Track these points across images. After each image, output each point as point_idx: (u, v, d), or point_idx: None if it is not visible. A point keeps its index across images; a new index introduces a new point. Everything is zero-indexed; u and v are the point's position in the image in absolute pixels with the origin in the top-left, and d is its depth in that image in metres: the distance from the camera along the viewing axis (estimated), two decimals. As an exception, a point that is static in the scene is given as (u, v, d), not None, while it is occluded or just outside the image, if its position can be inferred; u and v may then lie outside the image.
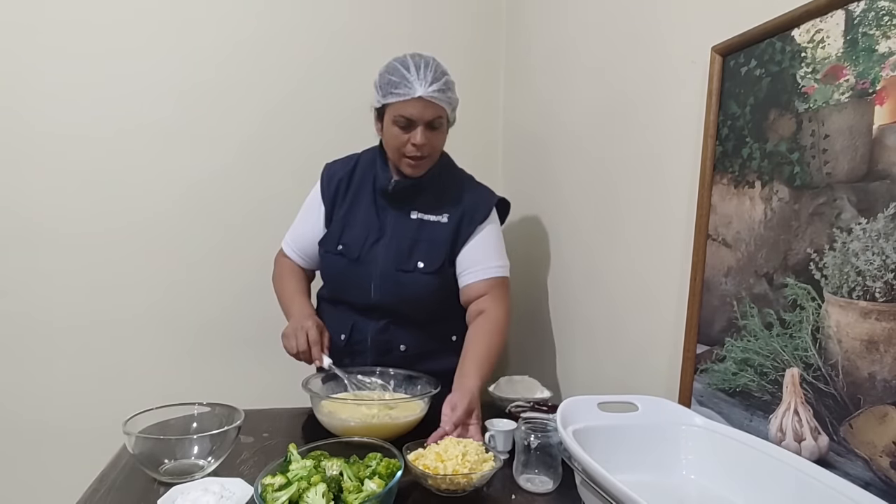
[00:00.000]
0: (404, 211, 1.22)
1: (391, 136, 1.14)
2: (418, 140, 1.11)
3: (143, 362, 1.60)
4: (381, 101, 1.14)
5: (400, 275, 1.18)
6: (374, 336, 1.21)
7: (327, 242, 1.24)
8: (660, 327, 1.01)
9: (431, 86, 1.09)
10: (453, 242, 1.20)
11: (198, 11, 1.56)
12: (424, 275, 1.18)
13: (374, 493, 0.71)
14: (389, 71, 1.13)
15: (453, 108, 1.18)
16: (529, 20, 1.62)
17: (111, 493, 0.83)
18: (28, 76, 1.46)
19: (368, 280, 1.19)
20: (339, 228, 1.23)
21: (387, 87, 1.11)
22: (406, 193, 1.21)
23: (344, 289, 1.23)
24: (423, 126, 1.11)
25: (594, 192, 1.25)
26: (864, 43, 0.64)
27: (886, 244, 0.61)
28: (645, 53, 1.07)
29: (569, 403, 0.83)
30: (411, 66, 1.11)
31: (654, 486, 0.76)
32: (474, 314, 1.18)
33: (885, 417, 0.61)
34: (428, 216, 1.21)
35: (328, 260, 1.24)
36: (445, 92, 1.12)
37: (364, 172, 1.26)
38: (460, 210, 1.21)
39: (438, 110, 1.12)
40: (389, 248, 1.19)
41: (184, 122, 1.57)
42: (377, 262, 1.19)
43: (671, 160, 0.99)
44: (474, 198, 1.24)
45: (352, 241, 1.21)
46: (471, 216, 1.21)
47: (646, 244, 1.06)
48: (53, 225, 1.51)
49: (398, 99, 1.10)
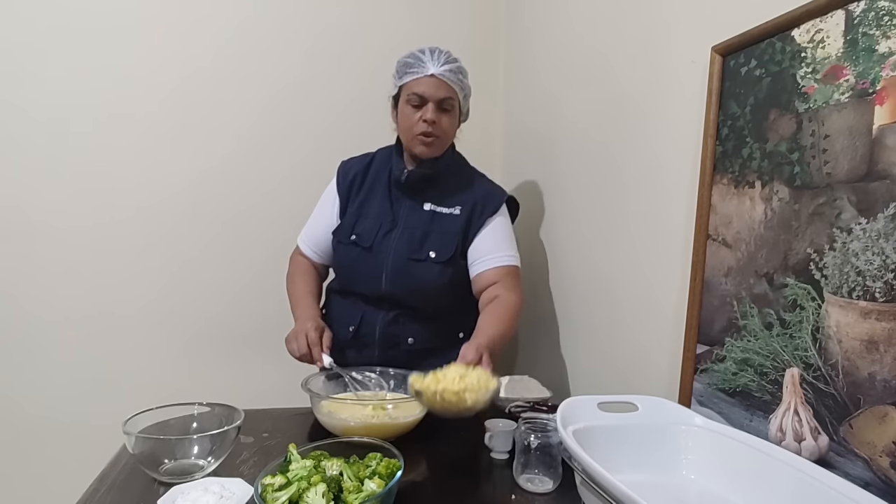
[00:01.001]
0: (417, 202, 1.25)
1: (405, 116, 1.19)
2: (429, 116, 1.16)
3: (142, 362, 1.59)
4: (398, 83, 1.21)
5: (411, 265, 1.20)
6: (382, 328, 1.22)
7: (341, 233, 1.26)
8: (660, 327, 1.01)
9: (444, 66, 1.16)
10: (465, 234, 1.23)
11: (195, 7, 1.55)
12: (436, 264, 1.20)
13: (374, 493, 0.71)
14: (406, 56, 1.20)
15: (465, 96, 1.23)
16: (529, 20, 1.62)
17: (111, 493, 0.83)
18: (23, 72, 1.46)
19: (380, 269, 1.21)
20: (352, 219, 1.26)
21: (402, 69, 1.19)
22: (419, 185, 1.24)
23: (355, 279, 1.25)
24: (434, 105, 1.17)
25: (594, 191, 1.25)
26: (864, 43, 0.64)
27: (886, 244, 0.61)
28: (645, 53, 1.07)
29: (569, 403, 0.83)
30: (426, 50, 1.19)
31: (654, 486, 0.76)
32: (487, 301, 1.18)
33: (885, 417, 0.61)
34: (440, 208, 1.24)
35: (341, 250, 1.26)
36: (457, 74, 1.18)
37: (379, 167, 1.30)
38: (472, 203, 1.24)
39: (449, 91, 1.17)
40: (402, 238, 1.22)
41: (181, 119, 1.57)
42: (389, 252, 1.21)
43: (671, 160, 0.99)
44: (486, 192, 1.27)
45: (365, 231, 1.23)
46: (482, 208, 1.24)
47: (646, 244, 1.06)
48: (49, 221, 1.51)
49: (412, 77, 1.17)
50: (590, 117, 1.27)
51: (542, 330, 1.50)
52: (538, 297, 1.53)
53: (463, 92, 1.21)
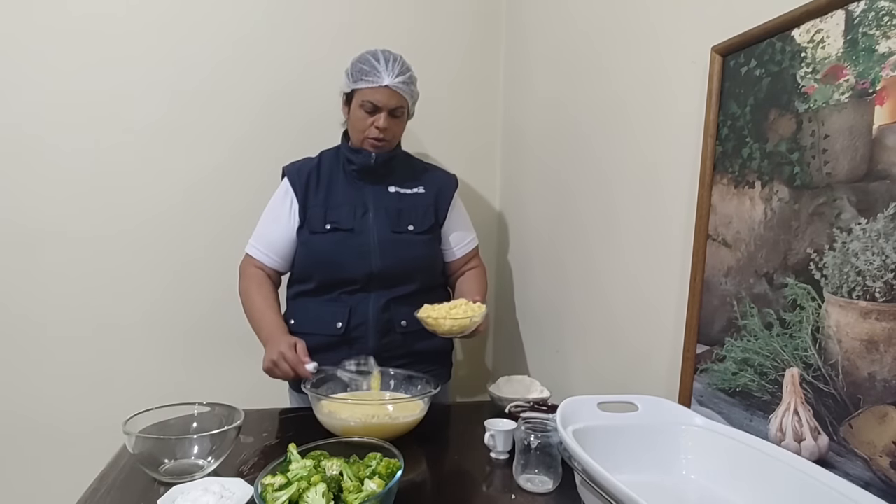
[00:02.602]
0: (382, 186, 1.31)
1: (357, 118, 1.26)
2: (381, 124, 1.24)
3: (143, 362, 1.59)
4: (351, 86, 1.26)
5: (396, 237, 1.27)
6: (375, 316, 1.23)
7: (312, 224, 1.27)
8: (660, 327, 1.01)
9: (398, 77, 1.23)
10: (436, 210, 1.34)
11: (192, 12, 1.55)
12: (417, 235, 1.29)
13: (374, 493, 0.71)
14: (361, 61, 1.26)
15: (414, 102, 1.32)
16: (529, 20, 1.61)
17: (111, 493, 0.83)
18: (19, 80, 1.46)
19: (367, 248, 1.25)
20: (321, 210, 1.28)
21: (357, 75, 1.24)
22: (382, 169, 1.30)
23: (340, 266, 1.24)
24: (387, 113, 1.24)
25: (594, 191, 1.25)
26: (864, 43, 0.64)
27: (886, 244, 0.61)
28: (645, 53, 1.07)
29: (569, 403, 0.83)
30: (381, 58, 1.24)
31: (654, 486, 0.76)
32: (460, 274, 1.41)
33: (884, 417, 0.61)
34: (404, 189, 1.33)
35: (316, 241, 1.26)
36: (409, 84, 1.26)
37: (331, 163, 1.35)
38: (432, 183, 1.36)
39: (401, 100, 1.25)
40: (378, 217, 1.28)
41: (175, 125, 1.56)
42: (372, 231, 1.26)
43: (671, 160, 0.99)
44: (439, 173, 1.41)
45: (341, 217, 1.27)
46: (445, 189, 1.37)
47: (646, 244, 1.06)
48: (47, 224, 1.50)
49: (367, 86, 1.23)
50: (590, 117, 1.27)
51: (542, 330, 1.50)
52: (538, 296, 1.53)
53: (413, 98, 1.30)
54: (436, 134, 1.74)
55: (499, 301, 1.82)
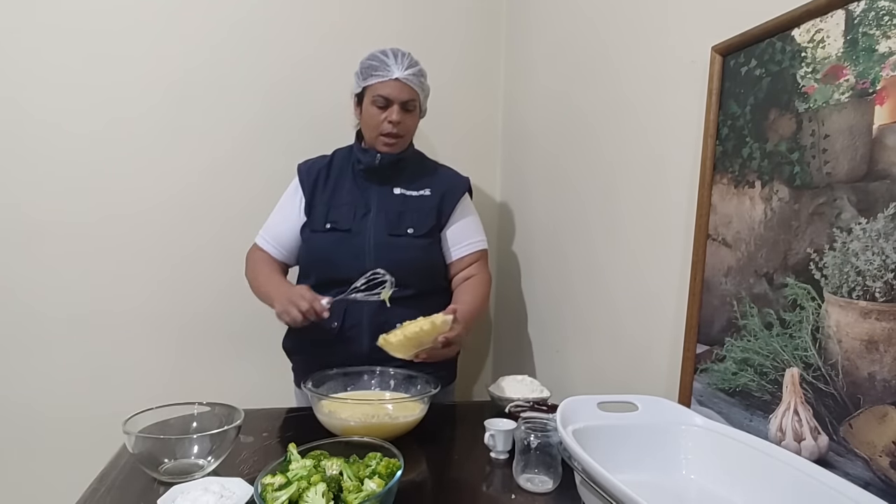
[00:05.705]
0: (387, 188, 1.31)
1: (369, 115, 1.27)
2: (394, 118, 1.24)
3: (142, 362, 1.59)
4: (362, 84, 1.27)
5: (392, 240, 1.26)
6: (369, 317, 1.23)
7: (314, 223, 1.29)
8: (660, 327, 1.01)
9: (407, 70, 1.24)
10: (439, 212, 1.32)
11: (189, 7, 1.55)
12: (415, 238, 1.28)
13: (374, 492, 0.71)
14: (370, 58, 1.27)
15: (426, 96, 1.32)
16: (530, 19, 1.62)
17: (111, 493, 0.83)
18: (18, 72, 1.46)
19: (362, 249, 1.25)
20: (324, 209, 1.29)
21: (367, 72, 1.26)
22: (388, 170, 1.30)
23: (336, 265, 1.25)
24: (399, 106, 1.24)
25: (594, 191, 1.25)
26: (865, 43, 0.64)
27: (886, 244, 0.61)
28: (645, 53, 1.07)
29: (569, 403, 0.83)
30: (389, 53, 1.26)
31: (654, 486, 0.76)
32: (461, 280, 1.35)
33: (884, 417, 0.61)
34: (410, 192, 1.32)
35: (315, 240, 1.28)
36: (419, 77, 1.27)
37: (342, 162, 1.36)
38: (440, 185, 1.34)
39: (412, 93, 1.26)
40: (378, 219, 1.28)
41: (173, 119, 1.56)
42: (369, 232, 1.26)
43: (671, 160, 0.99)
44: (450, 175, 1.39)
45: (341, 217, 1.28)
46: (452, 191, 1.35)
47: (646, 244, 1.06)
48: (44, 219, 1.50)
49: (377, 80, 1.24)
50: (590, 117, 1.27)
51: (542, 330, 1.50)
52: (538, 296, 1.53)
53: (424, 92, 1.30)
54: (435, 128, 1.73)
55: (499, 301, 1.82)
